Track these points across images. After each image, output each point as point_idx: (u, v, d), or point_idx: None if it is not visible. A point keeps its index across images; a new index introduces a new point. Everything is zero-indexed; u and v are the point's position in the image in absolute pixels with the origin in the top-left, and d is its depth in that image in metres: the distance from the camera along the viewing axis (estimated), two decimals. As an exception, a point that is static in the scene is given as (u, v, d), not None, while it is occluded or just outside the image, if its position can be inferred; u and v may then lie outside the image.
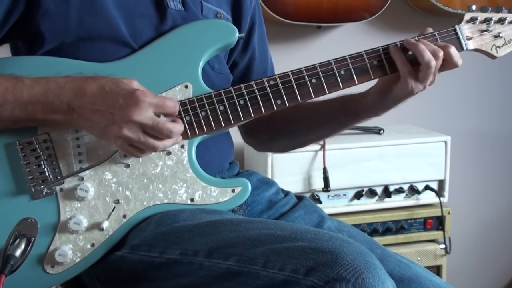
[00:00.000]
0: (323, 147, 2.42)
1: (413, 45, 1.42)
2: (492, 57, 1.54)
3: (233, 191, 1.38)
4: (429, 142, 2.59)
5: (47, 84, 1.27)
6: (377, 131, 2.65)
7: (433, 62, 1.40)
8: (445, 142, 2.58)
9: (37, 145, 1.32)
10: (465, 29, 1.50)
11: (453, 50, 1.43)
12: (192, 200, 1.36)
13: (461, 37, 1.49)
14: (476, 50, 1.52)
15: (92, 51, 1.36)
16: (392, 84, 1.45)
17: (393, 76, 1.45)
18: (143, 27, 1.41)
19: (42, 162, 1.32)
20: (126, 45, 1.38)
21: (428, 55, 1.40)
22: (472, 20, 1.51)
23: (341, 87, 1.43)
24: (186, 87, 1.37)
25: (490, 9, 1.52)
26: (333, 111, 1.57)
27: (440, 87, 3.02)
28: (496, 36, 1.52)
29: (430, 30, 1.48)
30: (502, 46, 1.53)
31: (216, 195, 1.37)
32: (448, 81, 3.07)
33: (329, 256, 1.10)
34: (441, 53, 1.41)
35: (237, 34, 1.42)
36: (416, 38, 1.45)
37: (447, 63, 1.43)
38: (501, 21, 1.52)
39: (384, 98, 1.49)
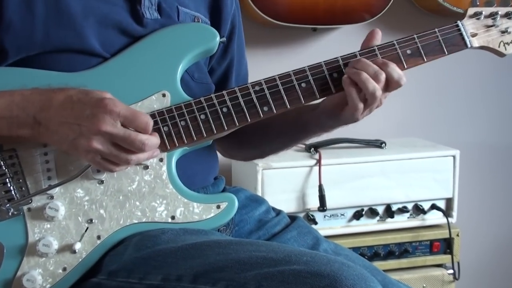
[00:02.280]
0: (318, 162, 2.42)
1: (356, 75, 1.39)
2: (501, 54, 1.53)
3: (218, 207, 1.38)
4: (435, 157, 2.59)
5: (12, 97, 1.28)
6: (378, 144, 2.64)
7: (378, 92, 1.39)
8: (453, 157, 2.58)
9: (2, 162, 1.32)
10: (468, 25, 1.50)
11: (391, 68, 1.41)
12: (173, 218, 1.36)
13: (464, 33, 1.49)
14: (482, 47, 1.52)
15: (59, 63, 1.37)
16: (342, 105, 1.45)
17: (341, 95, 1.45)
18: (115, 38, 1.42)
19: (7, 180, 1.32)
20: (96, 55, 1.39)
21: (372, 85, 1.38)
22: (476, 15, 1.50)
23: (333, 91, 1.43)
24: (164, 95, 1.38)
25: (495, 3, 1.51)
26: (286, 124, 1.59)
27: (446, 95, 3.05)
28: (504, 32, 1.51)
29: (379, 34, 1.47)
30: (511, 42, 1.52)
31: (200, 211, 1.37)
32: (454, 88, 3.08)
33: (327, 280, 1.09)
34: (383, 76, 1.40)
35: (218, 38, 1.43)
36: (358, 56, 1.44)
37: (389, 84, 1.41)
38: (508, 15, 1.52)
39: (334, 118, 1.50)
